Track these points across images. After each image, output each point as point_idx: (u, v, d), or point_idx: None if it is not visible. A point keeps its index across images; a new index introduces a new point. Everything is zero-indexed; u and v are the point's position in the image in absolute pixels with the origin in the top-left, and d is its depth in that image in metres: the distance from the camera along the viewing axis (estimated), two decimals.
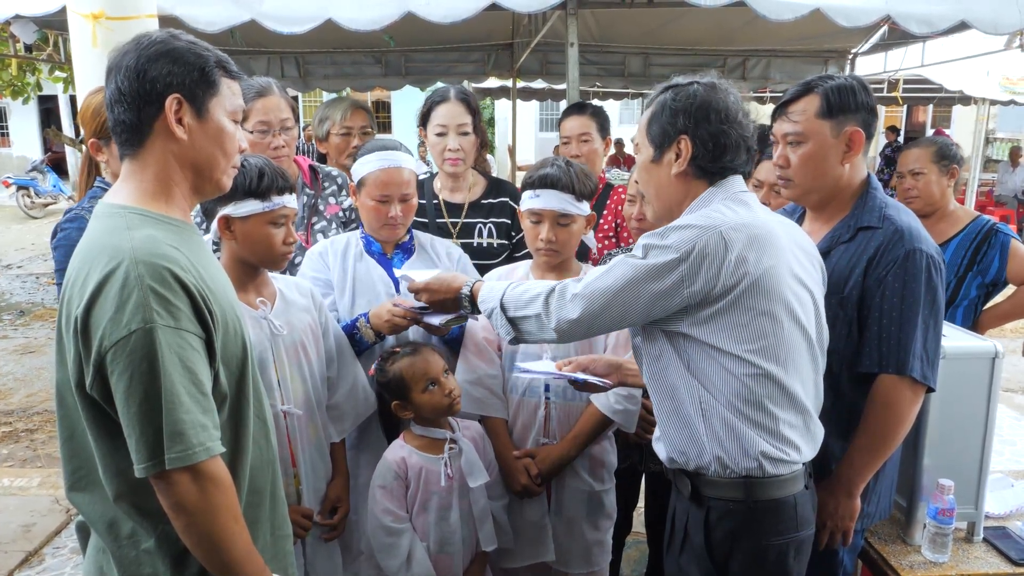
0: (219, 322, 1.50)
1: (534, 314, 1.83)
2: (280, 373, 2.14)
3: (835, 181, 2.12)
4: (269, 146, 2.73)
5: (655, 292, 1.71)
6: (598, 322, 1.78)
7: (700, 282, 1.68)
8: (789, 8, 4.10)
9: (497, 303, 1.91)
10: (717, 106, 1.77)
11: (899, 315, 1.99)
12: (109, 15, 2.96)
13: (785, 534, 1.80)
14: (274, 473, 1.71)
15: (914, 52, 7.41)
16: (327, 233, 2.87)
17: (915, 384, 2.00)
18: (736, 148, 1.80)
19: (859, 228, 2.08)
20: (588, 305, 1.75)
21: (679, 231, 1.71)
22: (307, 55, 7.69)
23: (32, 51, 8.88)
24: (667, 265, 1.69)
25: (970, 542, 2.31)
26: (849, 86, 2.07)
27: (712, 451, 1.78)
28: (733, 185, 1.83)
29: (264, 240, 2.09)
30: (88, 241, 1.49)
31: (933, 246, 2.04)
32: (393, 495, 2.25)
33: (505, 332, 1.92)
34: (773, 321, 1.72)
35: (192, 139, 1.52)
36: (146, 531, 1.50)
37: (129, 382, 1.36)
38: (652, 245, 1.73)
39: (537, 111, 22.11)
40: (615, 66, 8.16)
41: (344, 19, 4.10)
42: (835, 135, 2.07)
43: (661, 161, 1.84)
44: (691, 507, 1.86)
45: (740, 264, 1.67)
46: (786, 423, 1.77)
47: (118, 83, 1.48)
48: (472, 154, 2.91)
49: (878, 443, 2.03)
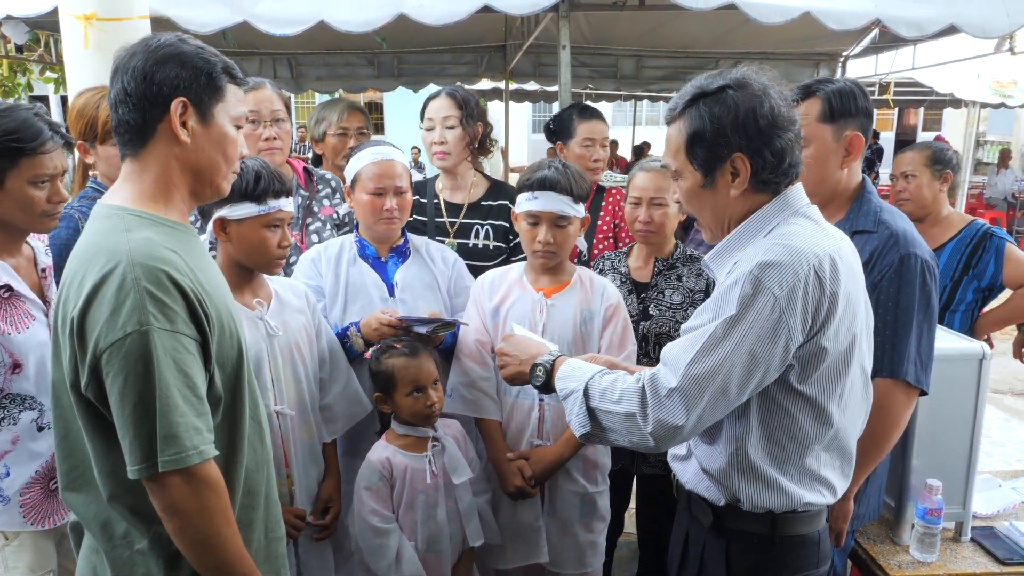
0: (215, 325, 1.51)
1: (625, 412, 1.57)
2: (275, 373, 2.15)
3: (834, 185, 2.12)
4: (260, 137, 2.74)
5: (770, 349, 1.51)
6: (709, 415, 1.54)
7: (799, 326, 1.52)
8: (779, 11, 4.12)
9: (581, 387, 1.66)
10: (763, 110, 1.58)
11: (894, 319, 1.99)
12: (101, 16, 2.97)
13: (807, 570, 1.73)
14: (268, 475, 1.71)
15: (905, 55, 7.44)
16: (321, 234, 2.88)
17: (909, 388, 2.00)
18: (791, 149, 1.62)
19: (854, 232, 2.05)
20: (690, 400, 1.51)
21: (771, 270, 1.51)
22: (300, 56, 7.68)
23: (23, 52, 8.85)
24: (773, 310, 1.49)
25: (958, 542, 2.33)
26: (849, 90, 2.06)
27: (749, 490, 1.66)
28: (797, 199, 1.66)
29: (259, 243, 2.09)
30: (85, 242, 1.50)
31: (927, 251, 2.04)
32: (379, 496, 2.26)
33: (579, 424, 1.66)
34: (847, 361, 1.61)
35: (195, 143, 1.53)
36: (139, 532, 1.50)
37: (124, 384, 1.37)
38: (744, 296, 1.51)
39: (530, 113, 22.11)
40: (607, 68, 8.17)
41: (337, 21, 4.10)
42: (836, 139, 2.07)
43: (715, 186, 1.64)
44: (710, 537, 1.76)
45: (833, 300, 1.54)
46: (828, 465, 1.69)
47: (124, 84, 1.49)
48: (459, 148, 2.90)
49: (871, 446, 2.01)
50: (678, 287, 2.72)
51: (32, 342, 1.98)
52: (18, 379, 1.98)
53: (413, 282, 2.54)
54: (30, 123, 1.93)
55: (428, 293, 2.55)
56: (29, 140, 1.91)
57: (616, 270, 2.82)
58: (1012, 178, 13.84)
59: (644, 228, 2.71)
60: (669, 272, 2.75)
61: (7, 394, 1.97)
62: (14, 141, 1.90)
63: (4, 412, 1.98)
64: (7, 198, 1.93)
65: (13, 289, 1.99)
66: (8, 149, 1.89)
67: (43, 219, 2.00)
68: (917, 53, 7.33)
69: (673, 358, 1.57)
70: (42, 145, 1.94)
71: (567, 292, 2.45)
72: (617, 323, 2.45)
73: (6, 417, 1.99)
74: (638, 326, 2.69)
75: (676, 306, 2.70)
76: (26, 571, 2.04)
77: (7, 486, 2.00)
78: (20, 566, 2.03)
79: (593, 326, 2.44)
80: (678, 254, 2.77)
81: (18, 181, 1.92)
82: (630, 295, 2.75)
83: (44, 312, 2.05)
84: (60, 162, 2.00)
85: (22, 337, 1.97)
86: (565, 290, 2.46)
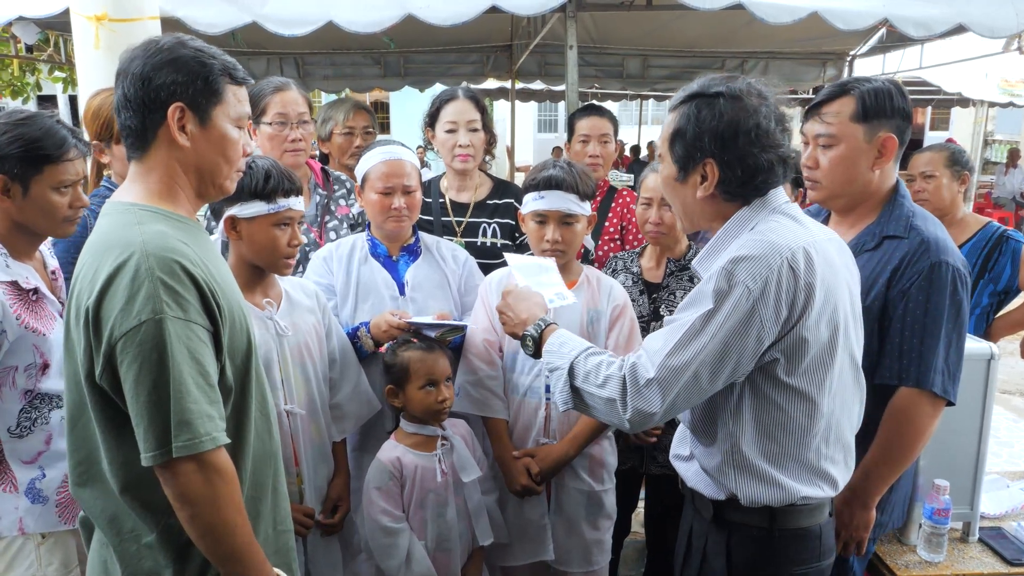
0: (226, 316, 1.53)
1: (607, 397, 1.65)
2: (284, 373, 2.16)
3: (864, 187, 2.07)
4: (287, 139, 2.79)
5: (742, 341, 1.56)
6: (682, 403, 1.61)
7: (772, 317, 1.56)
8: (787, 11, 4.13)
9: (566, 365, 1.73)
10: (746, 126, 1.61)
11: (922, 328, 1.94)
12: (112, 17, 2.99)
13: (808, 563, 1.75)
14: (276, 468, 1.73)
15: (912, 54, 7.44)
16: (339, 232, 2.93)
17: (935, 398, 1.96)
18: (768, 169, 1.65)
19: (884, 237, 2.03)
20: (666, 390, 1.58)
21: (744, 264, 1.56)
22: (306, 56, 7.72)
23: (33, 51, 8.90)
24: (746, 303, 1.54)
25: (965, 542, 2.33)
26: (886, 90, 2.00)
27: (745, 487, 1.70)
28: (775, 199, 1.70)
29: (268, 242, 2.11)
30: (98, 236, 1.52)
31: (960, 259, 1.99)
32: (389, 495, 2.27)
33: (562, 400, 1.74)
34: (832, 351, 1.64)
35: (195, 146, 1.55)
36: (148, 526, 1.52)
37: (139, 372, 1.39)
38: (720, 290, 1.57)
39: (535, 112, 22.14)
40: (613, 67, 8.19)
41: (345, 21, 4.12)
42: (868, 140, 2.01)
43: (686, 182, 1.71)
44: (712, 529, 1.80)
45: (809, 291, 1.57)
46: (828, 459, 1.71)
47: (124, 89, 1.51)
48: (481, 150, 2.95)
49: (895, 456, 1.99)
50: (690, 288, 2.72)
51: (57, 341, 2.01)
52: (45, 378, 2.00)
53: (424, 281, 2.55)
54: (54, 131, 1.95)
55: (439, 292, 2.57)
56: (54, 148, 1.94)
57: (628, 270, 2.83)
58: (1021, 178, 13.77)
59: (655, 229, 2.72)
60: (681, 273, 2.76)
61: (37, 394, 2.00)
62: (39, 149, 1.92)
63: (36, 412, 2.00)
64: (31, 204, 1.95)
65: (40, 291, 2.02)
66: (33, 156, 1.92)
67: (64, 224, 2.03)
68: (925, 52, 7.32)
69: (653, 350, 1.63)
70: (66, 153, 1.96)
71: (574, 292, 2.45)
72: (624, 323, 2.46)
73: (39, 417, 2.01)
74: (649, 327, 2.69)
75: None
76: (60, 567, 2.07)
77: (45, 487, 2.02)
78: (55, 562, 2.06)
79: (600, 326, 2.45)
80: (690, 255, 2.78)
81: (42, 188, 1.95)
82: (641, 295, 2.76)
83: (60, 312, 2.08)
84: (81, 168, 2.03)
85: (50, 337, 2.00)
86: (572, 289, 2.46)
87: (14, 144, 1.89)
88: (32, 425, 2.00)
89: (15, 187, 1.92)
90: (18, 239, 2.00)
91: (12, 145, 1.89)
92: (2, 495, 1.99)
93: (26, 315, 1.95)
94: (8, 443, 1.98)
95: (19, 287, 1.96)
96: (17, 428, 1.98)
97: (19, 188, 1.93)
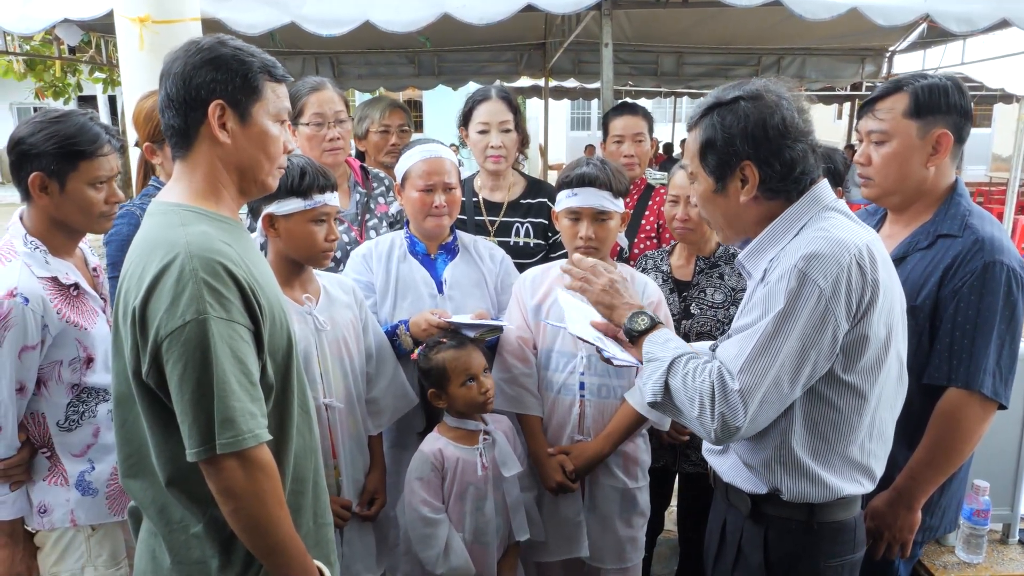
0: (267, 315, 1.56)
1: (699, 404, 1.61)
2: (323, 367, 2.20)
3: (918, 184, 2.04)
4: (325, 138, 2.82)
5: (819, 340, 1.55)
6: (765, 413, 1.60)
7: (844, 314, 1.56)
8: (825, 7, 4.08)
9: (668, 359, 1.71)
10: (773, 121, 1.64)
11: (973, 328, 1.91)
12: (155, 19, 3.05)
13: (843, 555, 1.76)
14: (316, 462, 1.76)
15: (954, 49, 7.31)
16: (379, 230, 2.96)
17: (985, 400, 1.92)
18: (804, 158, 1.67)
19: (939, 235, 2.00)
20: (748, 400, 1.56)
21: (815, 262, 1.55)
22: (341, 55, 7.79)
23: (75, 53, 9.11)
24: (820, 301, 1.54)
25: (1005, 543, 2.31)
26: (942, 86, 1.98)
27: (791, 482, 1.69)
28: (825, 195, 1.70)
29: (306, 237, 2.15)
30: (144, 236, 1.56)
31: (1017, 259, 1.94)
32: (430, 486, 2.30)
33: (652, 391, 1.71)
34: (886, 348, 1.64)
35: (236, 143, 1.58)
36: (195, 516, 1.56)
37: (183, 370, 1.43)
38: (791, 289, 1.55)
39: (568, 110, 22.09)
40: (648, 65, 8.15)
41: (382, 21, 4.16)
42: (921, 136, 1.98)
43: (726, 191, 1.71)
44: (748, 523, 1.80)
45: (875, 288, 1.58)
46: (872, 454, 1.72)
47: (167, 89, 1.55)
48: (513, 151, 2.96)
49: (942, 458, 1.96)
50: (720, 286, 2.72)
51: (100, 336, 2.07)
52: (91, 373, 2.06)
53: (461, 279, 2.58)
54: (87, 127, 2.00)
55: (476, 290, 2.59)
56: (88, 144, 1.99)
57: (658, 269, 2.83)
58: None
59: (682, 226, 2.72)
60: (711, 271, 2.75)
61: (84, 388, 2.05)
62: (73, 145, 1.97)
63: (84, 406, 2.06)
64: (67, 201, 2.00)
65: (80, 287, 2.07)
66: (68, 153, 1.97)
67: (100, 220, 2.08)
68: (967, 47, 7.18)
69: (730, 359, 1.61)
70: (100, 148, 2.01)
71: None
72: None
73: (86, 411, 2.07)
74: (680, 325, 2.69)
75: (718, 305, 2.70)
76: (109, 559, 2.13)
77: (95, 479, 2.08)
78: (104, 554, 2.12)
79: None
80: (720, 252, 2.77)
81: (78, 184, 1.99)
82: (672, 294, 2.75)
83: (102, 308, 2.13)
84: (116, 164, 2.07)
85: (93, 332, 2.05)
86: None
87: (50, 141, 1.94)
88: (80, 419, 2.06)
89: (52, 184, 1.97)
90: (56, 236, 2.05)
91: (48, 142, 1.94)
92: (54, 488, 2.05)
93: (67, 310, 2.01)
94: (58, 436, 2.04)
95: (59, 283, 2.02)
96: (66, 422, 2.04)
97: (56, 185, 1.97)
